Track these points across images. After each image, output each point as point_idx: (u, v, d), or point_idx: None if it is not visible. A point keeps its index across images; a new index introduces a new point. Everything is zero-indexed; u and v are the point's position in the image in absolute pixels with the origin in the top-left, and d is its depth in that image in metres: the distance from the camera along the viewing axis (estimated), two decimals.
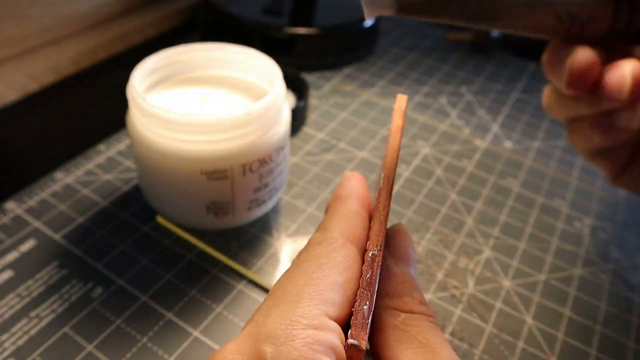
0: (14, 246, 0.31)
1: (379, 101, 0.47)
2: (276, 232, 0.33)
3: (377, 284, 0.17)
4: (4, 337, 0.26)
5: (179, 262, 0.31)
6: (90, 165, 0.37)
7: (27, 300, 0.28)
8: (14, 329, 0.26)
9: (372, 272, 0.17)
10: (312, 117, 0.44)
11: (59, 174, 0.36)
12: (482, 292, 0.31)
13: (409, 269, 0.19)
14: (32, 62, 0.43)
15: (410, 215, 0.36)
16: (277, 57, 0.35)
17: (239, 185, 0.29)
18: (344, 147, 0.41)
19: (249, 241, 0.32)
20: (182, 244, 0.32)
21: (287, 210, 0.35)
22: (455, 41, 0.56)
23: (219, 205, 0.30)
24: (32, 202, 0.33)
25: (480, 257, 0.33)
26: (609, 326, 0.30)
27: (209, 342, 0.27)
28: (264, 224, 0.34)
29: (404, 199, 0.37)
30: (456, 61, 0.54)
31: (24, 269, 0.29)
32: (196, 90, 0.32)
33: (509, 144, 0.44)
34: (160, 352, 0.26)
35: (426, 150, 0.42)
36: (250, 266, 0.31)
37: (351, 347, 0.15)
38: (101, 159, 0.37)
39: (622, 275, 0.33)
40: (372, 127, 0.43)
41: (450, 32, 0.57)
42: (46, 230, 0.32)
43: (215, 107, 0.31)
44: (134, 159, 0.34)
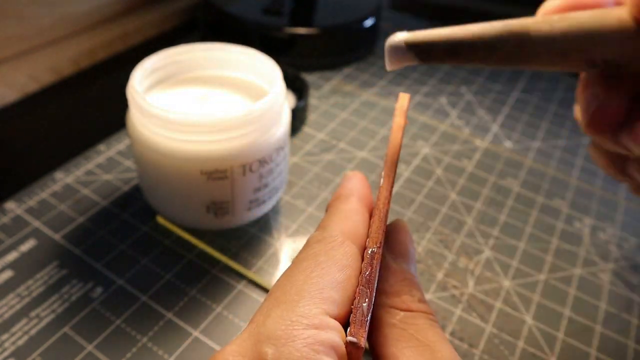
0: (14, 246, 0.31)
1: (379, 101, 0.47)
2: (276, 232, 0.33)
3: (376, 282, 0.17)
4: (4, 337, 0.26)
5: (179, 262, 0.31)
6: (90, 165, 0.37)
7: (27, 300, 0.28)
8: (14, 329, 0.26)
9: (372, 270, 0.17)
10: (312, 117, 0.44)
11: (59, 174, 0.36)
12: (482, 292, 0.31)
13: (409, 266, 0.19)
14: (32, 62, 0.43)
15: (410, 215, 0.36)
16: (277, 57, 0.35)
17: (239, 185, 0.29)
18: (344, 147, 0.41)
19: (249, 241, 0.32)
20: (182, 244, 0.32)
21: (287, 210, 0.35)
22: None
23: (219, 205, 0.30)
24: (32, 202, 0.33)
25: (480, 257, 0.33)
26: (609, 326, 0.30)
27: (209, 342, 0.27)
28: (264, 224, 0.34)
29: (404, 199, 0.37)
30: None
31: (24, 269, 0.29)
32: (196, 90, 0.32)
33: (509, 144, 0.44)
34: (160, 352, 0.26)
35: (426, 150, 0.42)
36: (250, 266, 0.31)
37: (350, 344, 0.15)
38: (101, 159, 0.37)
39: (622, 275, 0.33)
40: (372, 127, 0.43)
41: None
42: (46, 230, 0.32)
43: (215, 107, 0.31)
44: (134, 159, 0.34)
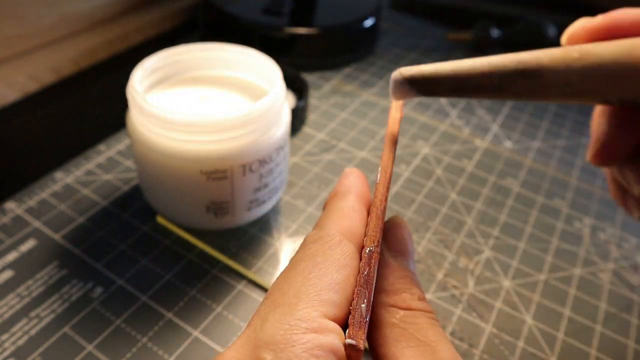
0: (14, 246, 0.31)
1: (379, 101, 0.47)
2: (276, 232, 0.33)
3: (374, 281, 0.16)
4: (4, 337, 0.26)
5: (179, 262, 0.31)
6: (90, 165, 0.37)
7: (27, 300, 0.28)
8: (14, 329, 0.26)
9: (370, 269, 0.16)
10: (312, 117, 0.44)
11: (59, 174, 0.36)
12: (482, 292, 0.31)
13: (408, 263, 0.19)
14: (32, 62, 0.43)
15: (410, 215, 0.36)
16: (277, 57, 0.35)
17: (239, 185, 0.29)
18: (344, 147, 0.41)
19: (249, 241, 0.32)
20: (182, 244, 0.32)
21: (287, 210, 0.35)
22: (455, 41, 0.56)
23: (219, 205, 0.30)
24: (32, 202, 0.33)
25: (480, 257, 0.33)
26: (609, 326, 0.30)
27: (209, 342, 0.27)
28: (264, 224, 0.34)
29: (404, 199, 0.37)
30: None
31: (24, 269, 0.29)
32: (196, 90, 0.32)
33: (509, 144, 0.43)
34: (160, 352, 0.26)
35: (426, 150, 0.42)
36: (250, 266, 0.31)
37: (349, 347, 0.15)
38: (101, 159, 0.37)
39: (622, 275, 0.33)
40: (372, 127, 0.43)
41: (450, 32, 0.57)
42: (46, 230, 0.32)
43: (215, 107, 0.31)
44: (134, 159, 0.34)
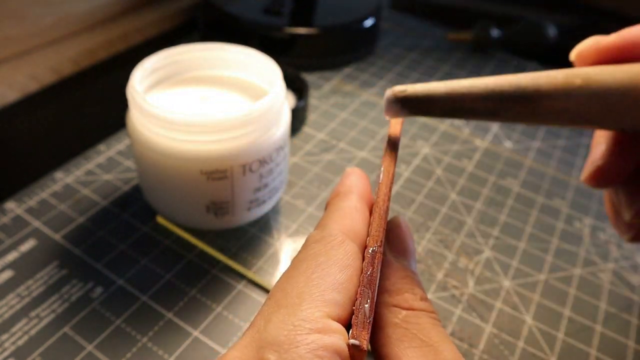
0: (14, 246, 0.31)
1: (379, 101, 0.47)
2: (276, 232, 0.33)
3: (377, 281, 0.16)
4: (4, 337, 0.26)
5: (179, 262, 0.31)
6: (90, 165, 0.37)
7: (27, 300, 0.28)
8: (14, 329, 0.26)
9: (373, 269, 0.16)
10: (312, 117, 0.44)
11: (59, 174, 0.36)
12: (482, 292, 0.31)
13: (409, 263, 0.19)
14: (32, 62, 0.43)
15: (410, 215, 0.36)
16: (277, 57, 0.35)
17: (239, 185, 0.29)
18: (344, 147, 0.41)
19: (249, 241, 0.32)
20: (182, 244, 0.32)
21: (287, 210, 0.35)
22: (455, 41, 0.56)
23: (219, 205, 0.30)
24: (32, 202, 0.33)
25: (480, 257, 0.33)
26: (609, 326, 0.30)
27: (209, 342, 0.27)
28: (264, 224, 0.34)
29: (404, 199, 0.37)
30: (456, 61, 0.54)
31: (24, 269, 0.29)
32: (196, 90, 0.32)
33: (509, 144, 0.43)
34: (160, 352, 0.26)
35: (426, 150, 0.42)
36: (250, 266, 0.31)
37: (353, 347, 0.15)
38: (101, 159, 0.37)
39: (622, 275, 0.33)
40: (372, 127, 0.43)
41: (450, 32, 0.57)
42: (46, 230, 0.32)
43: (215, 107, 0.31)
44: (134, 159, 0.34)
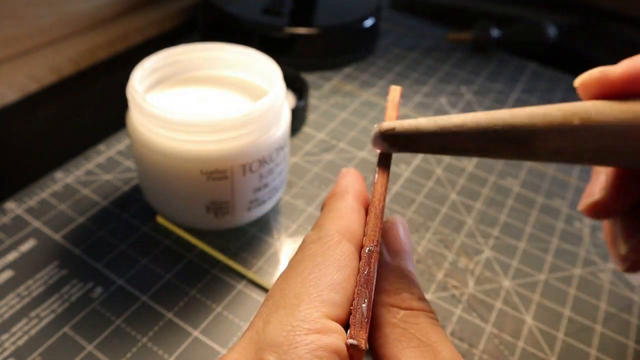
0: (14, 246, 0.31)
1: (379, 101, 0.47)
2: (276, 232, 0.33)
3: (374, 281, 0.16)
4: (4, 337, 0.26)
5: (179, 262, 0.31)
6: (90, 165, 0.37)
7: (27, 300, 0.28)
8: (14, 329, 0.26)
9: (370, 269, 0.16)
10: (312, 117, 0.44)
11: (59, 174, 0.36)
12: (482, 292, 0.31)
13: (406, 263, 0.19)
14: (32, 62, 0.43)
15: (410, 215, 0.36)
16: (277, 57, 0.35)
17: (239, 185, 0.29)
18: (344, 147, 0.41)
19: (249, 241, 0.32)
20: (182, 244, 0.32)
21: (287, 210, 0.35)
22: (455, 41, 0.56)
23: (219, 205, 0.30)
24: (32, 202, 0.33)
25: (480, 257, 0.33)
26: (609, 326, 0.30)
27: (209, 342, 0.27)
28: (264, 224, 0.34)
29: (404, 199, 0.37)
30: (456, 61, 0.54)
31: (24, 269, 0.29)
32: (196, 90, 0.32)
33: None
34: (160, 352, 0.26)
35: None
36: (250, 266, 0.31)
37: (351, 347, 0.15)
38: (101, 159, 0.37)
39: (622, 275, 0.33)
40: (372, 127, 0.43)
41: (450, 32, 0.57)
42: (46, 230, 0.32)
43: (215, 107, 0.31)
44: (134, 159, 0.34)
